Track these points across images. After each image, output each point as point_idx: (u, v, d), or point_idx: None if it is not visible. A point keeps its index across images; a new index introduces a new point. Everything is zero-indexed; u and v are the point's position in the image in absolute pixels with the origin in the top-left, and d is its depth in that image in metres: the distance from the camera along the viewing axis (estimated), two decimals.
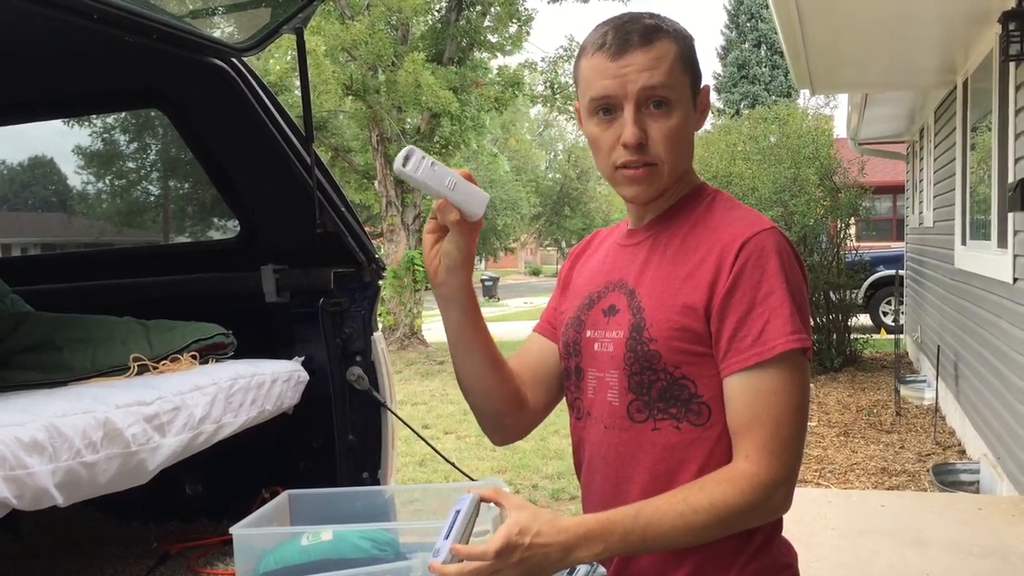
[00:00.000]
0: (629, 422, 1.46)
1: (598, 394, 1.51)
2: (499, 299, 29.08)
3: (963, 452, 6.66)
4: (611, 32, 1.45)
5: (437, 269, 1.48)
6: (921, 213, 10.49)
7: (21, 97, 3.21)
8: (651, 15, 1.48)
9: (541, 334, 1.68)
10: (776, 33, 7.21)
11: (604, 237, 1.68)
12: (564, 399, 1.64)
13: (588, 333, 1.53)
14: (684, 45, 1.46)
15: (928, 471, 6.04)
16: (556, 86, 16.67)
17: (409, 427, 3.07)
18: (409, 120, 15.74)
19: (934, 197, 9.15)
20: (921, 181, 10.69)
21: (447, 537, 1.30)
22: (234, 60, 2.81)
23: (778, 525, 1.49)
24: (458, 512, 1.32)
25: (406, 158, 1.38)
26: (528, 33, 16.14)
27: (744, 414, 1.38)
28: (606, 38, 1.44)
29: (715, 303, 1.39)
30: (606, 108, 1.45)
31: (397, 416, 2.98)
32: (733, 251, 1.40)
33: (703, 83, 1.51)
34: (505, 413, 1.60)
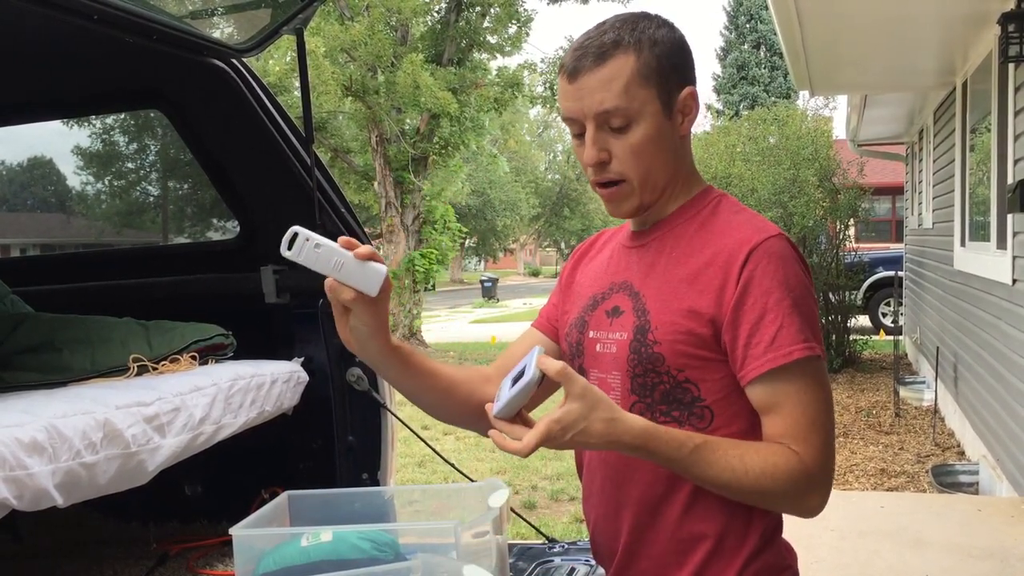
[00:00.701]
0: None
1: None
2: (498, 300, 29.10)
3: (962, 453, 6.67)
4: (571, 52, 1.44)
5: (351, 342, 1.46)
6: (920, 214, 10.50)
7: (21, 97, 3.21)
8: (619, 23, 1.44)
9: (538, 329, 1.68)
10: (775, 34, 7.22)
11: (609, 238, 1.67)
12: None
13: (591, 334, 1.53)
14: (649, 56, 1.41)
15: (927, 472, 6.04)
16: (555, 87, 16.67)
17: (408, 428, 3.07)
18: (408, 121, 15.76)
19: (933, 198, 9.15)
20: (920, 182, 10.70)
21: (512, 386, 1.31)
22: (234, 61, 2.81)
23: (779, 526, 1.49)
24: (524, 369, 1.31)
25: (290, 241, 1.37)
26: (527, 34, 16.16)
27: (776, 416, 1.38)
28: (567, 58, 1.44)
29: (725, 312, 1.39)
30: (575, 128, 1.46)
31: (396, 417, 2.98)
32: (741, 257, 1.39)
33: (688, 86, 1.46)
34: (484, 424, 1.60)
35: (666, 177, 1.48)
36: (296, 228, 1.38)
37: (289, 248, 1.38)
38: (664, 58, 1.43)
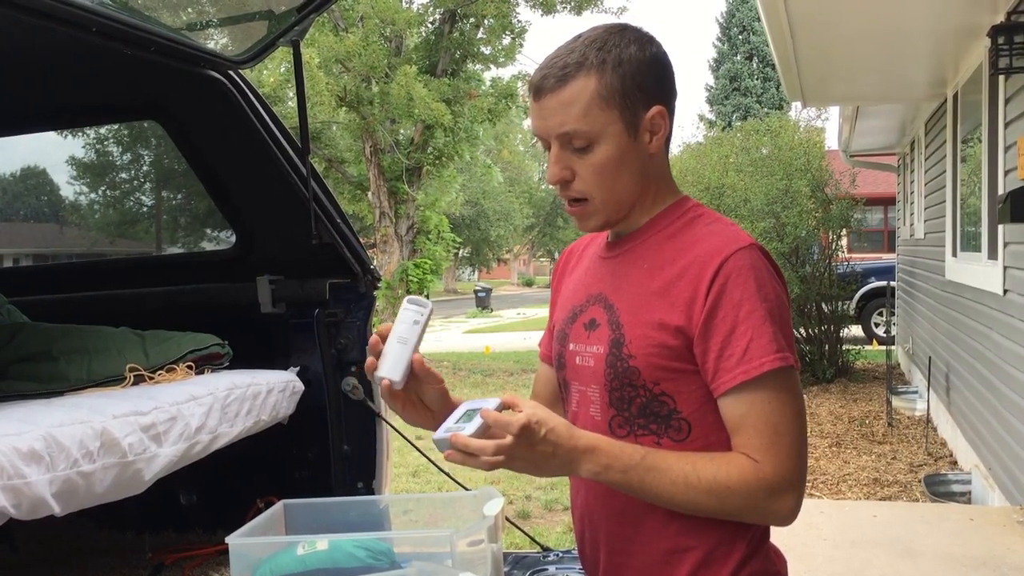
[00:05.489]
0: (611, 436, 1.45)
1: (581, 408, 1.51)
2: (492, 310, 29.09)
3: (955, 463, 6.69)
4: (537, 73, 1.45)
5: (428, 420, 1.53)
6: (912, 225, 10.55)
7: (20, 109, 3.23)
8: (588, 41, 1.43)
9: (543, 361, 1.71)
10: (768, 46, 7.26)
11: (586, 246, 1.67)
12: None
13: (571, 346, 1.53)
14: (612, 77, 1.40)
15: (920, 482, 6.06)
16: None
17: (403, 437, 3.08)
18: (402, 131, 15.80)
19: (925, 209, 9.20)
20: (912, 193, 10.75)
21: (463, 423, 1.35)
22: (230, 72, 2.83)
23: (766, 533, 1.49)
24: (473, 410, 1.36)
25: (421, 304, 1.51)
26: (521, 45, 16.21)
27: (742, 426, 1.38)
28: (534, 77, 1.45)
29: (696, 323, 1.39)
30: (543, 145, 1.47)
31: (391, 426, 2.99)
32: (711, 269, 1.39)
33: (657, 104, 1.43)
34: None
35: (632, 195, 1.47)
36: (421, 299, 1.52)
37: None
38: (629, 78, 1.41)
